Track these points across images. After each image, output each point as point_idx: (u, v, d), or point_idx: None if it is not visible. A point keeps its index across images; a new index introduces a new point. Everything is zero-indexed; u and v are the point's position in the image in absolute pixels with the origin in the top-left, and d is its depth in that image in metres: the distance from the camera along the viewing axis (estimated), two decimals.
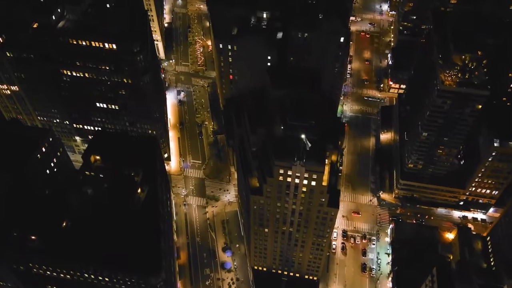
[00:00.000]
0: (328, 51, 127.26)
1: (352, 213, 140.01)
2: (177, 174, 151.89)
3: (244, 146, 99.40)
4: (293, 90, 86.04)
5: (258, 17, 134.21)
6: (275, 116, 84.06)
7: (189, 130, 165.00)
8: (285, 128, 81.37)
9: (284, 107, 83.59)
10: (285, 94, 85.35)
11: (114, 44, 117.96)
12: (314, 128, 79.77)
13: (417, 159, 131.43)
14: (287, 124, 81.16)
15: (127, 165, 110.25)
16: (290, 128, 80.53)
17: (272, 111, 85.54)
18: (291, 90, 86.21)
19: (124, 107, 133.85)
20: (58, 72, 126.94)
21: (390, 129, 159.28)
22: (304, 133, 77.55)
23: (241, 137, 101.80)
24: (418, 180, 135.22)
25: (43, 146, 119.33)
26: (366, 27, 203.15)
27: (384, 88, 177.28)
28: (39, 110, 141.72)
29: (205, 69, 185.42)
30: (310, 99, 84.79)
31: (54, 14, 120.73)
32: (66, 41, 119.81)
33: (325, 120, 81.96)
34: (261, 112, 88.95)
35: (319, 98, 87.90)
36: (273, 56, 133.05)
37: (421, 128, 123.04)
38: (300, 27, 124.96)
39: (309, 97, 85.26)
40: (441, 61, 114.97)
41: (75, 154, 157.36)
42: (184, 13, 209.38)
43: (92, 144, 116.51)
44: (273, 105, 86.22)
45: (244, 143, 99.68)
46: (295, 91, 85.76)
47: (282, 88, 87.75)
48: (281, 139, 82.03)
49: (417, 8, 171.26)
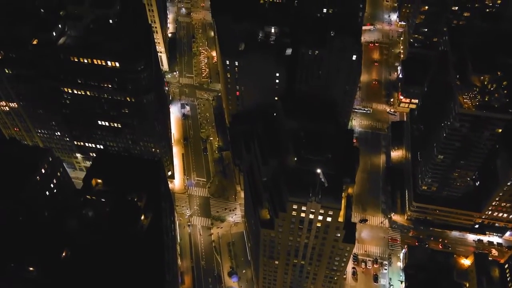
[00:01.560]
0: (339, 69, 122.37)
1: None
2: (181, 192, 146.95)
3: (254, 174, 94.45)
4: (307, 121, 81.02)
5: (266, 32, 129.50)
6: (288, 147, 79.15)
7: (193, 146, 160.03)
8: (299, 161, 76.55)
9: (298, 139, 78.61)
10: (299, 125, 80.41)
11: (117, 62, 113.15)
12: (331, 162, 74.92)
13: (431, 181, 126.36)
14: (301, 157, 76.33)
15: (130, 189, 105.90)
16: (305, 162, 75.68)
17: (285, 142, 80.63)
18: (305, 121, 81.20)
19: (126, 126, 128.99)
20: (59, 89, 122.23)
21: (401, 146, 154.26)
22: (320, 167, 72.59)
23: (250, 164, 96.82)
24: (432, 203, 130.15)
25: (43, 167, 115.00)
26: (375, 37, 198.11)
27: (394, 103, 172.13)
28: (39, 127, 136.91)
29: (209, 81, 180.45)
30: (326, 130, 79.81)
31: (55, 30, 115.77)
32: (67, 59, 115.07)
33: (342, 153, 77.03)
34: (273, 141, 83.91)
35: (335, 128, 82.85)
36: (281, 73, 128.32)
37: (436, 150, 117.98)
38: (310, 44, 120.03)
39: (324, 128, 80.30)
40: (459, 82, 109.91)
41: (76, 170, 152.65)
42: (188, 22, 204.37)
43: (94, 166, 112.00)
44: (286, 135, 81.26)
45: (253, 171, 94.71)
46: (310, 122, 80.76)
47: (296, 119, 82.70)
48: (294, 171, 77.10)
49: (428, 21, 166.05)
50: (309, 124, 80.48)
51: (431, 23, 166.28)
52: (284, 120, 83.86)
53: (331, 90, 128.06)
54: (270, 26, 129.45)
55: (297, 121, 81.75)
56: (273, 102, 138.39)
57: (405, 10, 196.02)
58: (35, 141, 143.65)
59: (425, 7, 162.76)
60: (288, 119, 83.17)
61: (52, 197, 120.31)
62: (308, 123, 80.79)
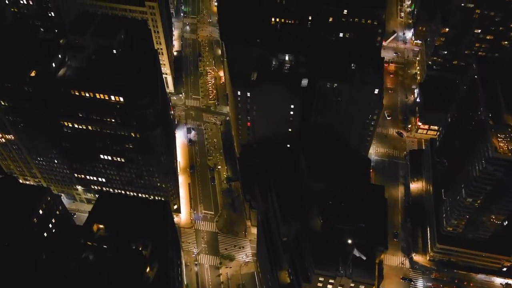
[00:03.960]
0: (359, 103, 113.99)
1: None
2: (188, 227, 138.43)
3: (271, 227, 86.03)
4: (336, 185, 72.64)
5: (280, 60, 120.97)
6: (314, 209, 70.83)
7: (200, 175, 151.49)
8: (327, 228, 68.27)
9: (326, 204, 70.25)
10: (327, 188, 72.06)
11: (121, 97, 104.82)
12: (363, 231, 66.65)
13: (457, 223, 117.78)
14: (330, 226, 68.05)
15: (134, 236, 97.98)
16: (334, 230, 67.43)
17: (309, 202, 72.26)
18: (334, 184, 72.80)
19: (130, 160, 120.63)
20: (58, 123, 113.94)
21: (420, 178, 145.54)
22: (351, 237, 64.30)
23: (266, 213, 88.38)
24: (457, 245, 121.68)
25: (40, 208, 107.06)
26: (389, 56, 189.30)
27: (411, 128, 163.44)
28: (37, 159, 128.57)
29: (217, 104, 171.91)
30: (357, 193, 71.47)
31: (54, 61, 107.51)
32: (67, 92, 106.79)
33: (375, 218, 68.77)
34: (295, 198, 75.49)
35: (367, 192, 74.45)
36: (296, 105, 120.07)
37: (465, 192, 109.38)
38: (329, 77, 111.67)
39: (356, 191, 71.95)
40: (492, 121, 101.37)
41: (76, 202, 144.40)
42: (194, 39, 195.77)
43: (95, 209, 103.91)
44: (311, 196, 72.92)
45: (270, 223, 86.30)
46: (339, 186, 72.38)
47: (323, 182, 74.18)
48: (320, 238, 68.77)
49: (449, 43, 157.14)
50: (339, 188, 71.99)
51: (452, 46, 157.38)
52: (309, 180, 75.39)
53: (350, 124, 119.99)
54: (284, 53, 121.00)
55: (325, 183, 73.32)
56: (286, 134, 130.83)
57: (422, 28, 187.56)
58: (33, 172, 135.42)
59: (445, 29, 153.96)
60: (314, 181, 74.64)
61: (51, 238, 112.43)
62: (338, 187, 72.24)
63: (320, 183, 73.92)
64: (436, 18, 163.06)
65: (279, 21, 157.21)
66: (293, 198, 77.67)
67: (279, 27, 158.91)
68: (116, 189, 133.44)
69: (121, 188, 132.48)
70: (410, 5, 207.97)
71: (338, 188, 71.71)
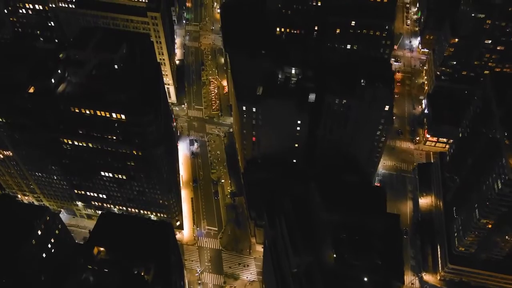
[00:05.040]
0: (369, 119, 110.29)
1: None
2: (191, 244, 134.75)
3: (279, 255, 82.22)
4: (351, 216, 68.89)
5: (286, 74, 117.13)
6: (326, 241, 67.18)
7: (203, 189, 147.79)
8: (341, 263, 64.67)
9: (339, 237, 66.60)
10: (341, 220, 68.37)
11: (122, 115, 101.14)
12: (379, 267, 63.06)
13: (470, 243, 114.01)
14: (344, 260, 64.47)
15: (136, 260, 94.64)
16: (349, 266, 63.85)
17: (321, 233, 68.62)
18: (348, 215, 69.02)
19: (132, 178, 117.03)
20: (58, 140, 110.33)
21: (429, 192, 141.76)
22: (366, 274, 60.70)
23: (274, 239, 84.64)
24: (469, 265, 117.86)
25: (39, 228, 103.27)
26: (396, 64, 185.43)
27: (420, 141, 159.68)
28: (36, 176, 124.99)
29: (220, 114, 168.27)
30: (373, 226, 67.81)
31: (54, 76, 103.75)
32: (67, 109, 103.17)
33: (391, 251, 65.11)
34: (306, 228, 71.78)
35: (382, 223, 70.76)
36: (303, 121, 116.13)
37: (479, 213, 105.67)
38: (338, 93, 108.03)
39: (372, 223, 68.29)
40: (508, 141, 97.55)
41: (76, 217, 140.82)
42: (196, 47, 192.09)
43: (96, 231, 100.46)
44: (323, 227, 69.24)
45: (278, 251, 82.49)
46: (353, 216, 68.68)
47: (336, 213, 70.45)
48: (333, 272, 65.13)
49: (458, 53, 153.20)
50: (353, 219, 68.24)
51: (461, 56, 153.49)
52: (321, 210, 71.67)
53: (359, 140, 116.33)
54: (290, 66, 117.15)
55: (338, 214, 69.60)
56: (293, 149, 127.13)
57: (429, 36, 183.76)
58: (32, 188, 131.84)
59: (455, 39, 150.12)
60: (327, 212, 70.91)
61: (50, 258, 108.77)
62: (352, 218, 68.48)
63: (333, 214, 70.08)
64: (444, 27, 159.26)
65: (284, 31, 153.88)
66: (304, 225, 74.03)
67: (284, 37, 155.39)
68: (117, 205, 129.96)
69: (122, 204, 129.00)
70: (416, 12, 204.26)
71: (352, 219, 67.96)
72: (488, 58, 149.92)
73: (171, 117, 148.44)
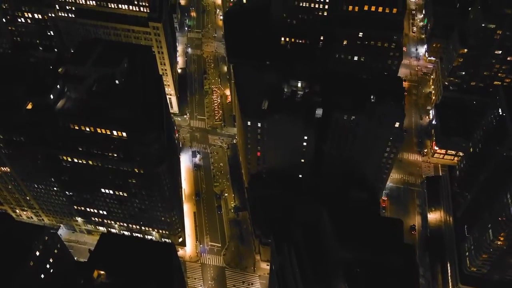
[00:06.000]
0: (378, 136, 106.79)
1: None
2: (194, 261, 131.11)
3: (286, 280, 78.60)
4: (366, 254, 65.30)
5: (293, 87, 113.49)
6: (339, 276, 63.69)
7: (206, 202, 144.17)
8: None
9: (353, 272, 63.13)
10: (355, 258, 64.82)
11: (124, 132, 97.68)
12: None
13: (482, 264, 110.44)
14: None
15: (137, 284, 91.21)
16: None
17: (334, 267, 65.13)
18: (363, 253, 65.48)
19: (133, 195, 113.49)
20: (57, 157, 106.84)
21: (438, 207, 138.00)
22: None
23: (281, 266, 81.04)
24: (481, 286, 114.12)
25: (37, 249, 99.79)
26: (401, 73, 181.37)
27: (427, 153, 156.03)
28: (35, 191, 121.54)
29: (223, 125, 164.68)
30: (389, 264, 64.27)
31: (53, 92, 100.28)
32: (66, 126, 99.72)
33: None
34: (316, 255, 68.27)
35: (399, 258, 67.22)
36: (310, 136, 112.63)
37: (492, 234, 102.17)
38: (347, 109, 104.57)
39: (388, 261, 64.77)
40: None
41: (76, 232, 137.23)
42: (199, 55, 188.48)
43: (96, 253, 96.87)
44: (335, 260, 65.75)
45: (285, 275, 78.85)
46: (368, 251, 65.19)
47: (350, 247, 66.92)
48: None
49: (467, 64, 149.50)
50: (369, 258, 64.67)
51: (470, 67, 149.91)
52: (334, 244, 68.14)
53: (367, 157, 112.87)
54: (296, 80, 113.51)
55: (352, 249, 66.06)
56: (299, 164, 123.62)
57: (436, 44, 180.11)
58: (30, 203, 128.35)
59: (464, 49, 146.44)
60: (341, 247, 67.33)
61: (48, 279, 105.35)
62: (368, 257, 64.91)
63: (347, 250, 66.51)
64: (452, 36, 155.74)
65: (289, 41, 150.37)
66: (314, 254, 70.55)
67: (289, 47, 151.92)
68: (118, 221, 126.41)
69: (123, 221, 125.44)
70: (422, 19, 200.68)
71: (367, 253, 64.47)
72: (498, 68, 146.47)
73: (173, 129, 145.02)
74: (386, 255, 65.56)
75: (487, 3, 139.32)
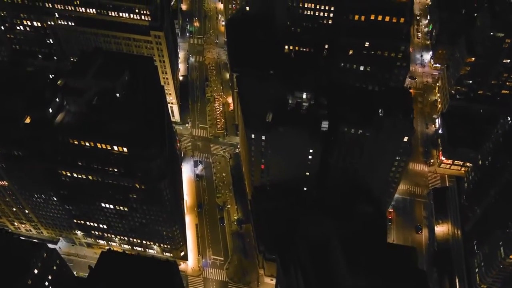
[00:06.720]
0: (385, 150, 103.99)
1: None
2: (196, 275, 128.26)
3: None
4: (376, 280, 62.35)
5: (297, 99, 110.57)
6: None
7: (208, 214, 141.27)
8: None
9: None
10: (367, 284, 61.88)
11: (124, 147, 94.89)
12: None
13: (493, 281, 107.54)
14: None
15: None
16: None
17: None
18: (374, 278, 62.40)
19: (134, 210, 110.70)
20: (56, 171, 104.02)
21: (446, 220, 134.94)
22: None
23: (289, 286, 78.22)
24: None
25: (36, 267, 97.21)
26: (406, 81, 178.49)
27: (434, 163, 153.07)
28: (33, 205, 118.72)
29: (225, 134, 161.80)
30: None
31: (52, 105, 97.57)
32: (65, 140, 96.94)
33: None
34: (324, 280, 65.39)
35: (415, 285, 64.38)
36: (315, 149, 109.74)
37: (504, 252, 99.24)
38: (353, 123, 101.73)
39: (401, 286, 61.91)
40: None
41: (75, 245, 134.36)
42: (200, 61, 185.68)
43: (95, 272, 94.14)
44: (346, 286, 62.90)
45: None
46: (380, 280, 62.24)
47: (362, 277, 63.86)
48: None
49: (474, 73, 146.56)
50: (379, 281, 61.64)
51: (477, 75, 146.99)
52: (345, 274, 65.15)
53: (374, 171, 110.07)
54: (301, 91, 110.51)
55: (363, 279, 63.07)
56: (304, 177, 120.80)
57: (442, 51, 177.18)
58: (29, 216, 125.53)
59: (471, 58, 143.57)
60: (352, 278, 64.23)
61: None
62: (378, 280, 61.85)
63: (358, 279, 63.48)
64: (459, 44, 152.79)
65: (293, 49, 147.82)
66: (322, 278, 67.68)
67: (293, 55, 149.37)
68: (118, 235, 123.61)
69: (123, 234, 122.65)
70: (427, 24, 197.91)
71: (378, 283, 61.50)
72: (506, 77, 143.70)
73: (175, 139, 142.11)
74: (398, 283, 62.71)
75: (495, 11, 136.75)
